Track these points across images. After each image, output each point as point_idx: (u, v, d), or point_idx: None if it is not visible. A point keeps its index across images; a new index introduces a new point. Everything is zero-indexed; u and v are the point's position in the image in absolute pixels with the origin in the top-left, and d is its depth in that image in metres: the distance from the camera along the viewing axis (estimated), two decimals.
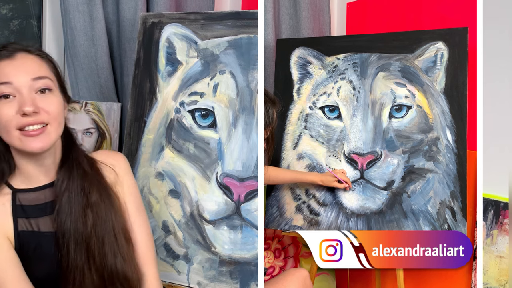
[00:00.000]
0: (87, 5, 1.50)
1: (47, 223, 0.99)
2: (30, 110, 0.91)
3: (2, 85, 0.93)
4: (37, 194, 1.00)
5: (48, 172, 1.01)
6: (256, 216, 1.28)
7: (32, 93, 0.94)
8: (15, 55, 0.97)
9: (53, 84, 0.98)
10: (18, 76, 0.94)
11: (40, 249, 0.98)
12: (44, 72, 0.98)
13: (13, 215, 0.98)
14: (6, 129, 0.93)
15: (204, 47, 1.37)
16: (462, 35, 1.48)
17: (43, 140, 0.94)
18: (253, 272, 1.27)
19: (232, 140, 1.32)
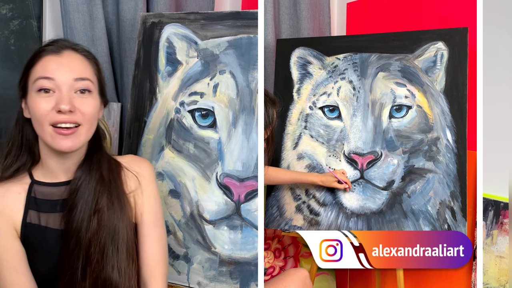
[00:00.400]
0: (87, 5, 1.50)
1: (56, 220, 0.99)
2: (66, 108, 0.93)
3: (44, 79, 0.95)
4: (53, 189, 1.01)
5: (68, 170, 1.01)
6: (256, 216, 1.28)
7: (71, 92, 0.95)
8: (62, 52, 0.98)
9: (93, 87, 0.99)
10: (61, 74, 0.95)
11: (45, 244, 0.98)
12: (87, 73, 0.99)
13: (25, 206, 0.99)
14: (40, 123, 0.95)
15: (204, 47, 1.37)
16: (462, 35, 1.48)
17: (74, 141, 0.95)
18: (253, 272, 1.27)
19: (232, 140, 1.32)
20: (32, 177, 1.01)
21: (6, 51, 1.59)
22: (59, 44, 0.99)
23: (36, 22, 1.63)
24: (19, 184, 1.00)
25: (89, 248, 0.97)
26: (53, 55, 0.97)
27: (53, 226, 0.99)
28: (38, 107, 0.94)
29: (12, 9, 1.59)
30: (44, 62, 0.96)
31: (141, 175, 1.07)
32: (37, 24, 1.63)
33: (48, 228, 0.99)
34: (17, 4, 1.59)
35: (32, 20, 1.62)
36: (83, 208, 0.98)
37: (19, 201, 0.99)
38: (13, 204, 0.98)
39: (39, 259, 0.98)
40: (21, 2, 1.60)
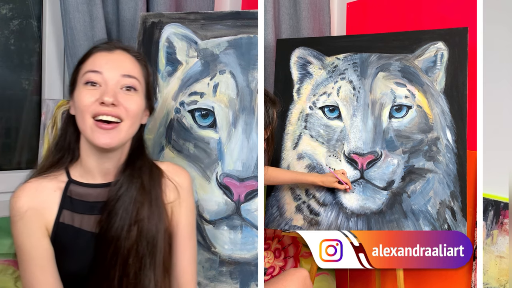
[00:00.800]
0: (87, 5, 1.50)
1: (90, 222, 0.98)
2: (109, 100, 0.92)
3: (92, 72, 0.95)
4: (90, 190, 1.00)
5: (107, 171, 1.00)
6: (256, 216, 1.28)
7: (117, 88, 0.96)
8: (114, 50, 1.00)
9: (140, 86, 0.99)
10: (110, 69, 0.96)
11: (77, 245, 0.97)
12: (135, 73, 0.99)
13: (59, 204, 0.97)
14: (82, 115, 0.94)
15: (204, 47, 1.37)
16: (462, 35, 1.48)
17: (113, 137, 0.94)
18: (253, 272, 1.27)
19: (232, 140, 1.32)
20: (69, 176, 1.00)
21: (6, 51, 1.59)
22: (112, 44, 1.02)
23: (36, 22, 1.63)
24: (55, 182, 0.99)
25: (127, 258, 0.95)
26: (104, 52, 0.99)
27: (86, 228, 0.97)
28: (83, 98, 0.94)
29: (12, 9, 1.59)
30: (94, 58, 0.98)
31: (181, 187, 1.06)
32: (37, 24, 1.63)
33: (82, 230, 0.97)
34: (17, 4, 1.59)
35: (32, 20, 1.62)
36: (123, 216, 0.96)
37: (54, 199, 0.98)
38: (47, 201, 0.97)
39: (68, 259, 0.97)
40: (21, 2, 1.60)
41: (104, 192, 0.99)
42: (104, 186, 1.00)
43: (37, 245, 0.95)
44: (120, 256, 0.95)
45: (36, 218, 0.95)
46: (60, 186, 0.99)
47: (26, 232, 0.95)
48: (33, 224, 0.95)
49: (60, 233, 0.96)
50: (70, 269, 0.96)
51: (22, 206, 0.95)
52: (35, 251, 0.94)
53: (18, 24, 1.60)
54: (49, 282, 0.94)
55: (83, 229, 0.97)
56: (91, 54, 0.99)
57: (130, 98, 0.96)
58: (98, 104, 0.93)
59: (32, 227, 0.95)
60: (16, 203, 0.95)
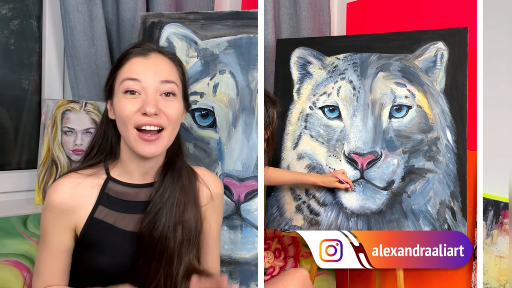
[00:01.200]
0: (87, 5, 1.50)
1: (125, 220, 0.99)
2: (152, 111, 0.93)
3: (130, 80, 0.96)
4: (128, 190, 1.01)
5: (146, 173, 1.02)
6: (256, 216, 1.28)
7: (157, 95, 0.96)
8: (149, 55, 0.99)
9: (178, 90, 1.00)
10: (148, 76, 0.96)
11: (107, 241, 0.98)
12: (173, 76, 1.00)
13: (96, 200, 0.99)
14: (125, 125, 0.95)
15: (204, 47, 1.37)
16: (462, 35, 1.48)
17: (157, 147, 0.96)
18: (253, 272, 1.27)
19: (232, 140, 1.32)
20: (108, 174, 1.02)
21: (6, 51, 1.59)
22: (146, 47, 1.01)
23: (36, 22, 1.63)
24: (94, 178, 1.01)
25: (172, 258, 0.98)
26: (140, 57, 0.99)
27: (120, 225, 0.99)
28: (124, 109, 0.95)
29: (12, 9, 1.59)
30: (131, 64, 0.98)
31: (215, 193, 1.11)
32: (37, 24, 1.63)
33: (115, 227, 0.99)
34: (17, 4, 1.59)
35: (32, 20, 1.62)
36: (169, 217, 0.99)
37: (91, 195, 0.99)
38: (84, 197, 0.99)
39: (98, 255, 0.98)
40: (21, 2, 1.60)
41: (142, 192, 1.02)
42: (143, 187, 1.02)
43: (57, 235, 0.97)
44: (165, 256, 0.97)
45: (64, 215, 0.97)
46: (98, 182, 1.01)
47: (52, 222, 0.97)
48: (62, 217, 0.97)
49: (92, 229, 0.98)
50: (98, 265, 0.98)
51: (54, 200, 0.97)
52: (53, 240, 0.97)
53: (18, 24, 1.60)
54: (55, 271, 0.97)
55: (117, 226, 0.99)
56: (126, 59, 0.99)
57: (169, 104, 0.98)
58: (140, 114, 0.94)
59: (59, 219, 0.97)
60: (52, 194, 0.97)
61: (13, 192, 1.53)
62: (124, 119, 0.95)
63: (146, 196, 1.02)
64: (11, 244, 1.30)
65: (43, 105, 1.50)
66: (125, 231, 0.99)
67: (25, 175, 1.55)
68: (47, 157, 1.48)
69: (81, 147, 1.48)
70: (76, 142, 1.49)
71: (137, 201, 1.01)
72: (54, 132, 1.49)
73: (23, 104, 1.62)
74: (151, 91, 0.95)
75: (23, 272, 1.32)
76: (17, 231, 1.31)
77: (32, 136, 1.62)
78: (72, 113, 1.49)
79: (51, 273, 0.98)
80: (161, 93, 0.97)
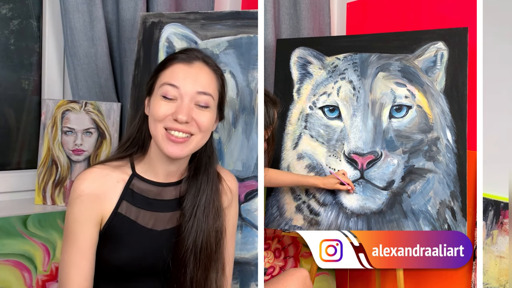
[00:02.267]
0: (87, 5, 1.50)
1: (146, 217, 1.01)
2: (183, 119, 0.95)
3: (170, 86, 0.98)
4: (151, 187, 1.03)
5: (171, 173, 1.05)
6: (256, 216, 1.28)
7: (191, 104, 0.98)
8: (193, 63, 1.01)
9: (213, 103, 1.02)
10: (187, 84, 0.98)
11: (128, 237, 1.00)
12: (211, 88, 1.01)
13: (120, 195, 1.01)
14: (155, 123, 0.98)
15: (204, 47, 1.37)
16: (462, 35, 1.48)
17: (183, 149, 0.98)
18: (253, 272, 1.27)
19: (232, 140, 1.32)
20: (133, 169, 1.04)
21: (6, 51, 1.59)
22: (191, 54, 1.02)
23: (36, 22, 1.63)
24: (119, 173, 1.02)
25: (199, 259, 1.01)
26: (183, 64, 1.00)
27: (141, 222, 1.01)
28: (158, 110, 0.97)
29: (12, 9, 1.59)
30: (173, 69, 1.00)
31: (234, 193, 1.14)
32: (37, 24, 1.63)
33: (137, 223, 1.01)
34: (17, 4, 1.59)
35: (32, 20, 1.62)
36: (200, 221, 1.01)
37: (116, 189, 1.01)
38: (109, 190, 1.00)
39: (118, 250, 0.99)
40: (21, 2, 1.60)
41: (165, 191, 1.04)
42: (166, 186, 1.04)
43: (86, 230, 0.97)
44: (194, 257, 1.00)
45: (94, 204, 0.98)
46: (124, 178, 1.02)
47: (80, 215, 0.97)
48: (89, 210, 0.98)
49: (115, 223, 0.99)
50: (118, 260, 0.99)
51: (84, 189, 0.98)
52: (81, 235, 0.97)
53: (18, 24, 1.60)
54: (85, 269, 0.97)
55: (138, 223, 1.01)
56: (170, 64, 1.01)
57: (202, 114, 0.99)
58: (172, 119, 0.96)
59: (87, 212, 0.97)
60: (79, 185, 0.98)
61: (13, 192, 1.53)
62: (156, 119, 0.97)
63: (168, 194, 1.04)
64: (11, 244, 1.30)
65: (43, 105, 1.50)
66: (146, 228, 1.01)
67: (25, 175, 1.55)
68: (47, 157, 1.49)
69: (81, 147, 1.49)
70: (76, 142, 1.49)
71: (160, 199, 1.03)
72: (54, 132, 1.49)
73: (23, 104, 1.62)
74: (187, 99, 0.97)
75: (23, 272, 1.32)
76: (17, 231, 1.31)
77: (32, 136, 1.62)
78: (72, 113, 1.49)
79: (83, 274, 0.97)
80: (196, 103, 0.99)
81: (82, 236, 0.97)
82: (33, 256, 1.33)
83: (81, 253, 0.97)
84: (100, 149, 1.50)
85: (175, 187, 1.06)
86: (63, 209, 1.42)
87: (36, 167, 1.50)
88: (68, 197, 1.47)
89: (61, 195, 1.48)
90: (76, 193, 0.98)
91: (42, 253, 1.35)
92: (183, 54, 1.03)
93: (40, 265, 1.34)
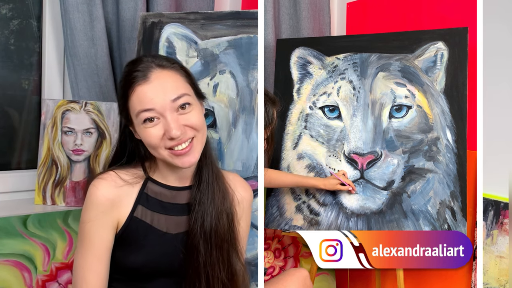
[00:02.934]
0: (87, 5, 1.50)
1: (162, 221, 1.02)
2: (177, 134, 0.95)
3: (145, 111, 0.96)
4: (165, 191, 1.04)
5: (181, 178, 1.05)
6: (256, 216, 1.28)
7: (174, 114, 0.96)
8: (150, 76, 0.97)
9: (192, 98, 1.00)
10: (158, 101, 0.95)
11: (144, 240, 1.00)
12: (182, 88, 0.99)
13: (136, 199, 1.01)
14: (156, 150, 0.98)
15: (204, 47, 1.37)
16: (462, 35, 1.48)
17: (193, 155, 0.99)
18: (253, 272, 1.27)
19: (232, 140, 1.32)
20: (147, 174, 1.04)
21: (6, 51, 1.59)
22: (144, 66, 0.98)
23: (36, 22, 1.63)
24: (134, 177, 1.03)
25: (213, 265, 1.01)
26: (143, 83, 0.97)
27: (156, 226, 1.02)
28: (150, 139, 0.97)
29: (12, 9, 1.59)
30: (138, 94, 0.97)
31: (246, 200, 1.14)
32: (37, 24, 1.63)
33: (152, 227, 1.01)
34: (17, 4, 1.59)
35: (32, 20, 1.62)
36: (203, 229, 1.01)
37: (132, 193, 1.02)
38: (125, 195, 1.01)
39: (134, 253, 1.00)
40: (21, 2, 1.60)
41: (179, 195, 1.05)
42: (180, 189, 1.05)
43: (102, 235, 0.98)
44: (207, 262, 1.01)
45: (111, 209, 0.99)
46: (138, 181, 1.03)
47: (97, 221, 0.98)
48: (106, 215, 0.98)
49: (132, 227, 1.00)
50: (133, 263, 0.99)
51: (101, 195, 0.98)
52: (98, 240, 0.98)
53: (18, 24, 1.60)
54: (101, 273, 0.97)
55: (154, 227, 1.01)
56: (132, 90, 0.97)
57: (189, 115, 0.98)
58: (167, 139, 0.96)
59: (104, 217, 0.98)
60: (96, 191, 0.98)
61: (13, 192, 1.53)
62: (153, 145, 0.97)
63: (182, 198, 1.05)
64: (11, 244, 1.30)
65: (43, 105, 1.50)
66: (161, 231, 1.02)
67: (25, 175, 1.55)
68: (47, 157, 1.48)
69: (81, 147, 1.49)
70: (76, 142, 1.49)
71: (173, 203, 1.04)
72: (54, 132, 1.49)
73: (23, 104, 1.62)
74: (168, 113, 0.95)
75: (23, 272, 1.32)
76: (17, 231, 1.31)
77: (32, 136, 1.62)
78: (72, 113, 1.49)
79: (99, 278, 0.97)
80: (177, 109, 0.97)
81: (98, 240, 0.98)
82: (33, 256, 1.33)
83: (97, 257, 0.97)
84: (100, 149, 1.50)
85: (189, 191, 1.06)
86: (63, 209, 1.42)
87: (36, 167, 1.50)
88: (68, 198, 1.47)
89: (61, 195, 1.48)
90: (93, 200, 0.98)
91: (42, 253, 1.35)
92: (137, 72, 0.98)
93: (40, 265, 1.34)
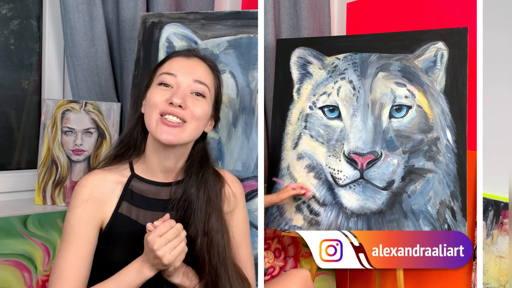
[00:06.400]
0: (87, 5, 1.50)
1: (147, 217, 1.03)
2: (177, 102, 0.98)
3: (167, 74, 1.02)
4: (150, 187, 1.05)
5: (167, 172, 1.06)
6: (256, 216, 1.28)
7: (187, 91, 1.01)
8: (191, 57, 1.07)
9: (209, 94, 1.05)
10: (184, 73, 1.02)
11: (129, 236, 1.01)
12: (207, 80, 1.05)
13: (120, 196, 1.03)
14: (151, 110, 1.00)
15: (204, 47, 1.37)
16: (462, 35, 1.48)
17: (176, 135, 0.99)
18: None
19: (232, 140, 1.32)
20: (132, 171, 1.06)
21: (6, 51, 1.59)
22: (191, 52, 1.09)
23: (36, 22, 1.63)
24: (118, 175, 1.04)
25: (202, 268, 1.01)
26: (182, 57, 1.06)
27: (142, 222, 1.02)
28: (154, 96, 1.00)
29: (12, 9, 1.59)
30: (172, 61, 1.05)
31: (238, 198, 1.13)
32: (37, 24, 1.63)
33: (137, 223, 1.02)
34: (17, 4, 1.59)
35: (32, 20, 1.62)
36: (195, 227, 1.01)
37: (116, 191, 1.03)
38: (109, 193, 1.02)
39: (118, 249, 1.01)
40: (21, 2, 1.60)
41: (164, 191, 1.05)
42: (164, 185, 1.06)
43: (86, 233, 0.99)
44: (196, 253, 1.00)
45: (95, 208, 1.00)
46: (122, 180, 1.04)
47: (82, 220, 0.99)
48: (91, 214, 0.99)
49: (117, 223, 1.01)
50: (118, 258, 1.00)
51: (84, 194, 1.00)
52: (81, 239, 0.98)
53: (18, 24, 1.60)
54: (80, 270, 0.97)
55: (139, 222, 1.02)
56: (170, 58, 1.06)
57: (197, 103, 1.01)
58: (167, 104, 0.98)
59: (89, 216, 0.99)
60: (79, 191, 1.00)
61: (13, 192, 1.53)
62: (151, 105, 1.00)
63: (167, 194, 1.05)
64: (11, 244, 1.30)
65: (43, 105, 1.50)
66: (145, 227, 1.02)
67: (25, 175, 1.55)
68: (47, 157, 1.48)
69: (81, 147, 1.49)
70: (76, 142, 1.49)
71: (158, 199, 1.05)
72: (54, 132, 1.49)
73: (23, 104, 1.62)
74: (183, 87, 1.01)
75: (23, 272, 1.32)
76: (17, 231, 1.31)
77: (32, 136, 1.62)
78: (72, 113, 1.49)
79: (79, 278, 0.96)
80: (192, 91, 1.02)
81: (82, 240, 0.98)
82: (33, 256, 1.33)
83: (80, 256, 0.97)
84: (100, 149, 1.50)
85: (175, 187, 1.06)
86: (63, 209, 1.42)
87: (36, 167, 1.50)
88: (68, 198, 1.47)
89: (61, 195, 1.48)
90: (78, 199, 0.99)
91: (42, 253, 1.35)
92: (184, 51, 1.09)
93: (40, 265, 1.34)
